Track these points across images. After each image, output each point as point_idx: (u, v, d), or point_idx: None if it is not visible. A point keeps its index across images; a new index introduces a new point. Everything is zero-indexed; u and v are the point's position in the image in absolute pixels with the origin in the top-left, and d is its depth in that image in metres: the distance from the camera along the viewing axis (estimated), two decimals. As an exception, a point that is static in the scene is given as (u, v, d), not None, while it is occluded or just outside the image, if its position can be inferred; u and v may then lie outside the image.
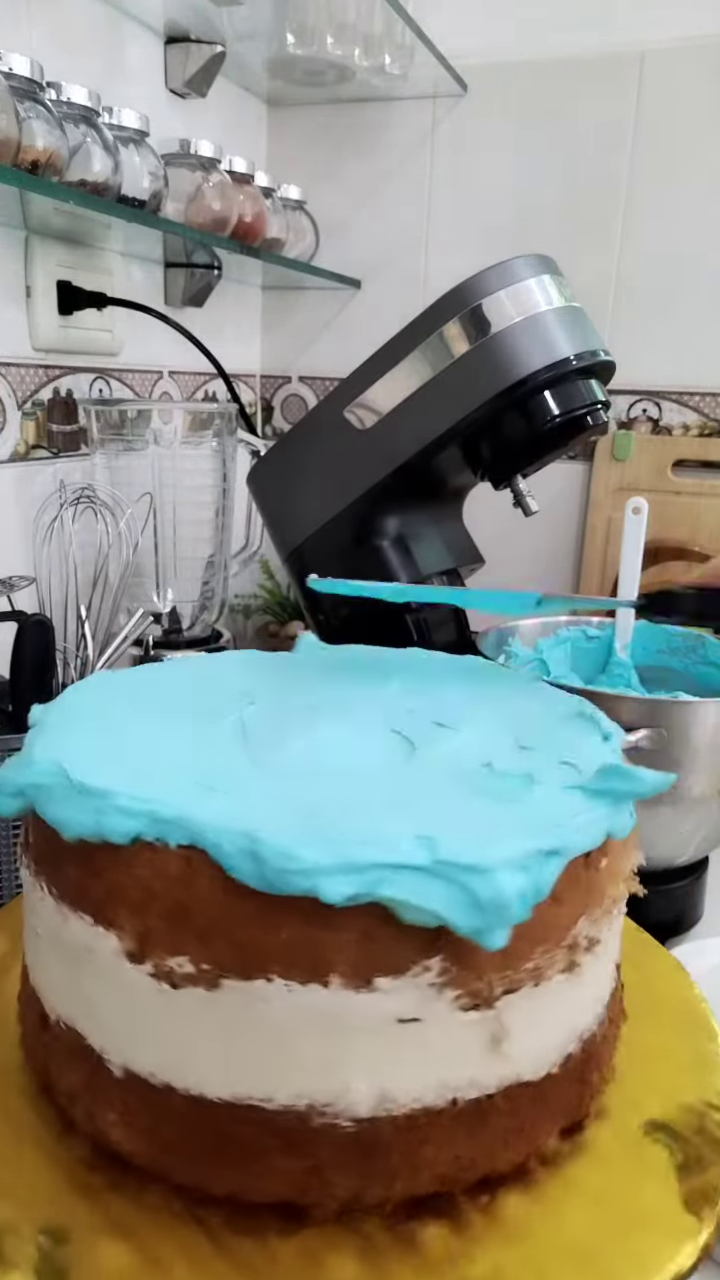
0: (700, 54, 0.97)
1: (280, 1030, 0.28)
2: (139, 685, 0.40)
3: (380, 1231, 0.29)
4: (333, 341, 1.18)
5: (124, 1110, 0.30)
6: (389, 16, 0.90)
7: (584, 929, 0.31)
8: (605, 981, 0.34)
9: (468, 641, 0.74)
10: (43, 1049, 0.33)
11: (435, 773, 0.32)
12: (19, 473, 0.83)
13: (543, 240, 0.77)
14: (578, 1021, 0.32)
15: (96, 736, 0.34)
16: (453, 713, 0.38)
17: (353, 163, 1.12)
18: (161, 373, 1.00)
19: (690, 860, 0.63)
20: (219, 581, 0.90)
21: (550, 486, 1.04)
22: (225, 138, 0.94)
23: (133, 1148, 0.30)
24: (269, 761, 0.33)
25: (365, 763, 0.33)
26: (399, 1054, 0.28)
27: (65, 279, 0.83)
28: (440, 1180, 0.30)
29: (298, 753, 0.33)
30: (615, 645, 0.72)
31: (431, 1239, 0.29)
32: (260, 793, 0.30)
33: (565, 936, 0.30)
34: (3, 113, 0.61)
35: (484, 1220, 0.30)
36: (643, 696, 0.62)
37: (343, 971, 0.27)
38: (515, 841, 0.28)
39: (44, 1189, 0.30)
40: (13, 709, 0.58)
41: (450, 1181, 0.30)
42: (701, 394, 1.04)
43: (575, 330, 0.63)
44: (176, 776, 0.30)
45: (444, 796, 0.31)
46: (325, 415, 0.68)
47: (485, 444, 0.65)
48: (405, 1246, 0.29)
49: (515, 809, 0.30)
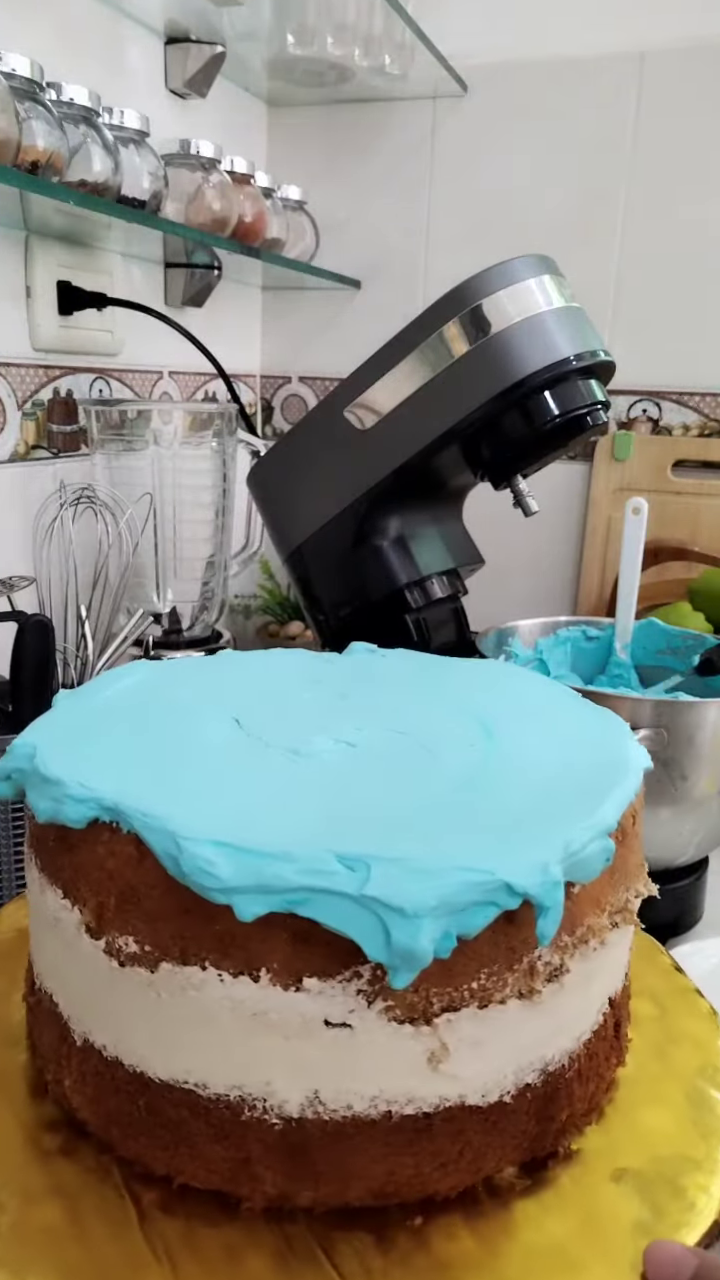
0: (700, 54, 0.97)
1: (211, 1019, 0.28)
2: (171, 676, 0.41)
3: (302, 1236, 0.29)
4: (333, 341, 1.18)
5: (80, 1078, 0.32)
6: (389, 16, 0.90)
7: (545, 955, 0.29)
8: (578, 1015, 0.32)
9: (468, 642, 0.74)
10: (30, 1012, 0.36)
11: (426, 788, 0.32)
12: (19, 473, 0.83)
13: (543, 240, 0.77)
14: (537, 1052, 0.30)
15: (89, 725, 0.35)
16: (478, 729, 0.36)
17: (353, 163, 1.12)
18: (161, 373, 1.00)
19: (690, 860, 0.63)
20: (219, 581, 0.90)
21: (550, 486, 1.04)
22: (225, 138, 0.94)
23: (86, 1115, 0.32)
24: (249, 764, 0.33)
25: (354, 771, 0.33)
26: (328, 1058, 0.28)
27: (65, 279, 0.83)
28: (373, 1194, 0.29)
29: (285, 758, 0.33)
30: (615, 645, 0.72)
31: (350, 1252, 0.28)
32: (214, 796, 0.30)
33: (517, 961, 0.28)
34: (3, 113, 0.61)
35: (410, 1243, 0.29)
36: (643, 696, 0.62)
37: (273, 969, 0.27)
38: (455, 880, 0.26)
39: (2, 1143, 0.32)
40: (13, 709, 0.58)
41: (383, 1196, 0.29)
42: (701, 394, 1.04)
43: (575, 330, 0.63)
44: (140, 770, 0.32)
45: (419, 815, 0.30)
46: (325, 415, 0.69)
47: (485, 444, 0.65)
48: (320, 1255, 0.28)
49: (479, 840, 0.28)
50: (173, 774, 0.32)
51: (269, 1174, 0.29)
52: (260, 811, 0.30)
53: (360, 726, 0.36)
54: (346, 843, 0.27)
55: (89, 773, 0.31)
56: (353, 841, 0.27)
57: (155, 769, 0.32)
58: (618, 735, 0.36)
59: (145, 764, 0.32)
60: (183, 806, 0.29)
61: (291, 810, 0.30)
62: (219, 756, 0.33)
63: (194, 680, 0.41)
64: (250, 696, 0.39)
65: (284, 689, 0.41)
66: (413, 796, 0.31)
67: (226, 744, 0.34)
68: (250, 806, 0.30)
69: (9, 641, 0.57)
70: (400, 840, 0.28)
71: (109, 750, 0.33)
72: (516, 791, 0.32)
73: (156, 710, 0.37)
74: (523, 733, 0.36)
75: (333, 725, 0.36)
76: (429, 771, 0.33)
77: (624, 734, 0.37)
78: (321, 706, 0.39)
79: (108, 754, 0.33)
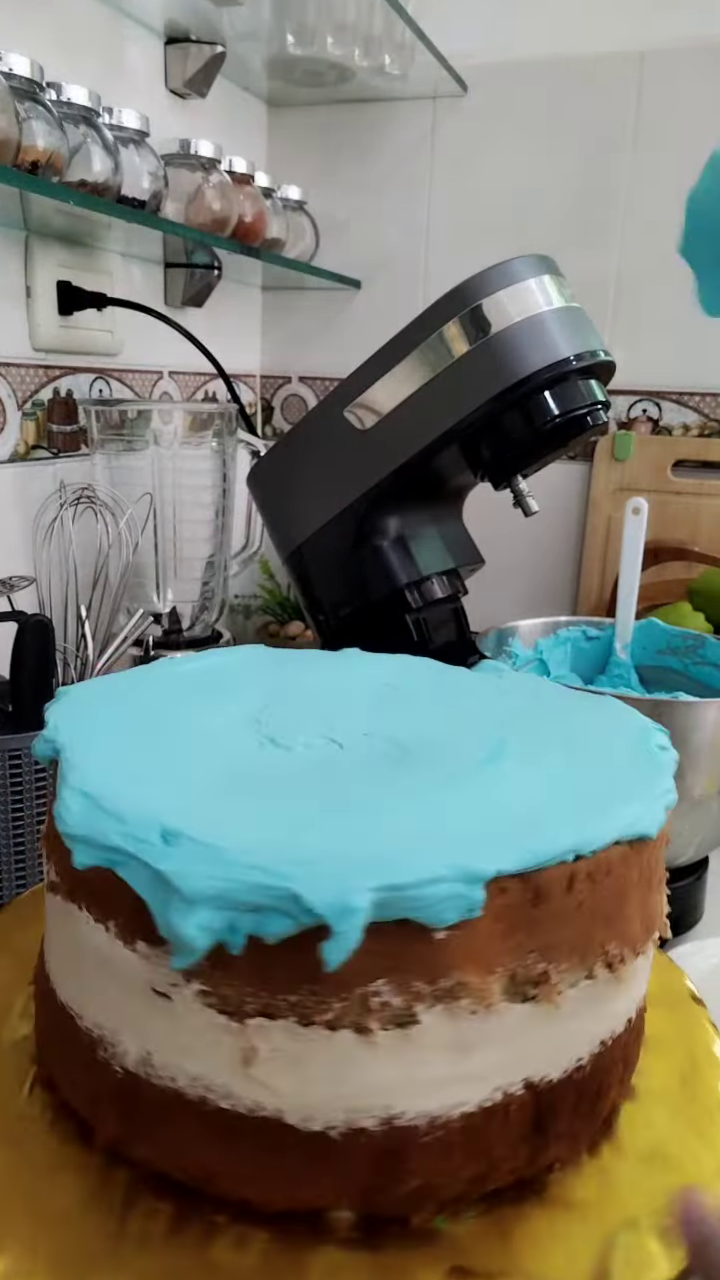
0: (700, 54, 0.97)
1: (82, 956, 0.30)
2: (201, 671, 0.42)
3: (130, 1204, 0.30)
4: (333, 341, 1.18)
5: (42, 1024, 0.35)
6: (389, 16, 0.90)
7: (385, 994, 0.26)
8: (441, 1079, 0.28)
9: (468, 642, 0.74)
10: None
11: (376, 791, 0.31)
12: (19, 473, 0.83)
13: (543, 240, 0.77)
14: (377, 1099, 0.27)
15: (109, 708, 0.37)
16: (491, 746, 0.34)
17: (353, 163, 1.12)
18: (161, 373, 1.00)
19: (690, 861, 0.63)
20: (219, 581, 0.90)
21: (550, 486, 1.04)
22: (225, 138, 0.94)
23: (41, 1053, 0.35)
24: (219, 746, 0.34)
25: (318, 766, 0.33)
26: (155, 1024, 0.29)
27: (65, 279, 0.83)
28: (191, 1176, 0.29)
29: (261, 747, 0.34)
30: (615, 645, 0.72)
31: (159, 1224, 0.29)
32: (148, 757, 0.32)
33: (344, 989, 0.26)
34: (3, 113, 0.61)
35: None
36: (643, 697, 0.62)
37: (119, 923, 0.29)
38: (245, 878, 0.26)
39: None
40: (13, 709, 0.58)
41: (202, 1181, 0.29)
42: (701, 394, 1.04)
43: (575, 330, 0.63)
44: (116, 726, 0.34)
45: (332, 813, 0.29)
46: (325, 415, 0.68)
47: (485, 444, 0.65)
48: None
49: (342, 847, 0.27)
50: (146, 740, 0.34)
51: (110, 1116, 0.30)
52: (169, 779, 0.31)
53: (368, 731, 0.36)
54: (215, 823, 0.28)
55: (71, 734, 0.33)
56: (225, 823, 0.28)
57: (139, 735, 0.34)
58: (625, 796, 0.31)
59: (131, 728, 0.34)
60: (106, 756, 0.31)
61: (204, 785, 0.30)
62: (202, 738, 0.34)
63: (259, 672, 0.42)
64: (293, 693, 0.40)
65: (335, 689, 0.41)
66: (350, 796, 0.30)
67: (221, 729, 0.35)
68: (166, 773, 0.31)
69: (9, 641, 0.57)
70: (274, 829, 0.27)
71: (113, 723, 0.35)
72: (463, 816, 0.29)
73: (191, 695, 0.39)
74: (533, 762, 0.33)
75: (339, 726, 0.36)
76: (401, 777, 0.32)
77: (629, 797, 0.31)
78: (350, 709, 0.38)
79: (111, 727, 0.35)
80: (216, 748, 0.34)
